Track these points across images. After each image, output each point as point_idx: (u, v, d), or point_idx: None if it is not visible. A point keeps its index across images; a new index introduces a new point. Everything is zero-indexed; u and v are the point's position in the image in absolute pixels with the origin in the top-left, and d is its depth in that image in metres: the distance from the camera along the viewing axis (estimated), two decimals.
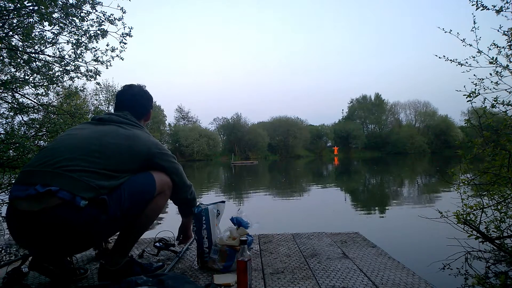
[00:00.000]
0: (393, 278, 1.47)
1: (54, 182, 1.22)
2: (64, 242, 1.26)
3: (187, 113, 55.51)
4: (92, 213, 1.25)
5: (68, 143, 1.35)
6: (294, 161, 39.49)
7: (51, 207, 1.20)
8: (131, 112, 1.57)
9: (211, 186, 12.21)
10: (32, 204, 1.20)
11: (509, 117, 2.82)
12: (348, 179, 14.82)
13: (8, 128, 4.03)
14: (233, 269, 1.55)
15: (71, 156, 1.29)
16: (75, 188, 1.23)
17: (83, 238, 1.29)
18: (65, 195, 1.21)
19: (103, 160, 1.31)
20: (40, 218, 1.20)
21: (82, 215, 1.23)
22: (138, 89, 1.64)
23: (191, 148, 45.43)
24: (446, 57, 3.09)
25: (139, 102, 1.62)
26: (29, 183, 1.24)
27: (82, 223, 1.24)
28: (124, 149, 1.38)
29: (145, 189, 1.41)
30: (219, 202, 1.80)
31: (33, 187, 1.21)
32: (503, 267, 2.82)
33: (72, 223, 1.22)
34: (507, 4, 2.79)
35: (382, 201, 7.72)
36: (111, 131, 1.41)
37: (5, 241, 4.15)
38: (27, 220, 1.22)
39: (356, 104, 66.02)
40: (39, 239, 1.24)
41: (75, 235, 1.25)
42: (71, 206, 1.21)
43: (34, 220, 1.21)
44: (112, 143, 1.36)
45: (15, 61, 3.82)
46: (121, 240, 1.45)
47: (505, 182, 2.69)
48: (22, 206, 1.21)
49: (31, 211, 1.20)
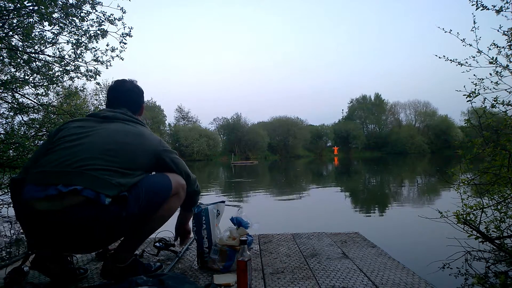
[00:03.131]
0: (393, 278, 1.47)
1: (76, 181, 1.23)
2: (87, 239, 1.27)
3: (187, 113, 55.53)
4: (115, 210, 1.27)
5: (83, 143, 1.34)
6: (294, 161, 39.50)
7: (74, 206, 1.20)
8: (127, 108, 1.57)
9: (211, 186, 12.21)
10: (53, 203, 1.20)
11: (509, 117, 2.82)
12: (348, 179, 14.82)
13: (8, 128, 4.03)
14: (233, 269, 1.55)
15: (89, 156, 1.29)
16: (98, 186, 1.24)
17: (106, 235, 1.30)
18: (90, 193, 1.22)
19: (119, 158, 1.33)
20: (62, 217, 1.20)
21: (107, 212, 1.24)
22: (131, 85, 1.64)
23: (191, 148, 45.42)
24: (446, 57, 3.09)
25: (133, 98, 1.62)
26: (47, 183, 1.24)
27: (107, 220, 1.26)
28: (136, 147, 1.40)
29: (161, 189, 1.43)
30: (219, 202, 1.80)
31: (54, 187, 1.21)
32: (503, 267, 2.82)
33: (98, 220, 1.24)
34: (507, 4, 2.79)
35: (382, 201, 7.72)
36: (121, 129, 1.42)
37: (5, 242, 4.15)
38: (46, 219, 1.21)
39: (356, 104, 66.04)
40: (59, 238, 1.25)
41: (100, 232, 1.27)
42: (96, 204, 1.22)
43: (55, 219, 1.21)
44: (124, 142, 1.38)
45: (15, 61, 3.82)
46: (131, 238, 1.45)
47: (505, 182, 2.69)
48: (41, 206, 1.21)
49: (52, 211, 1.20)
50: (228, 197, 8.49)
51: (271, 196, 8.82)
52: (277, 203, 7.60)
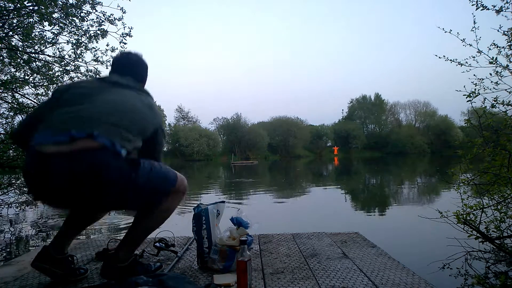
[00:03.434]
0: (393, 278, 1.47)
1: (92, 128, 1.19)
2: (92, 190, 1.20)
3: (187, 113, 55.51)
4: (127, 166, 1.23)
5: (96, 100, 1.31)
6: (294, 161, 39.51)
7: (87, 150, 1.16)
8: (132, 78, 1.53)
9: (211, 186, 12.21)
10: (63, 147, 1.15)
11: (509, 117, 2.83)
12: (348, 179, 14.83)
13: (8, 128, 4.03)
14: (233, 269, 1.55)
15: (102, 111, 1.27)
16: (114, 137, 1.21)
17: (112, 190, 1.24)
18: (105, 140, 1.18)
19: (130, 121, 1.31)
20: (71, 161, 1.15)
21: (119, 163, 1.21)
22: (138, 57, 1.61)
23: (191, 148, 45.40)
24: (446, 57, 3.09)
25: (139, 70, 1.59)
26: (58, 129, 1.20)
27: (117, 172, 1.21)
28: (146, 115, 1.39)
29: (168, 177, 1.42)
30: (219, 202, 1.80)
31: (65, 133, 1.17)
32: (503, 267, 2.83)
33: (109, 168, 1.18)
34: (507, 4, 2.79)
35: (382, 201, 7.72)
36: (133, 96, 1.41)
37: (5, 240, 4.15)
38: (52, 165, 1.15)
39: (356, 104, 66.03)
40: (64, 186, 1.18)
41: (107, 183, 1.20)
42: (111, 152, 1.19)
43: (62, 164, 1.14)
44: (137, 108, 1.37)
45: (15, 61, 3.82)
46: (131, 237, 1.44)
47: (505, 182, 2.69)
48: (49, 149, 1.15)
49: (61, 153, 1.15)
50: (228, 197, 8.49)
51: (271, 196, 8.82)
52: (277, 203, 7.60)
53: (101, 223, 5.15)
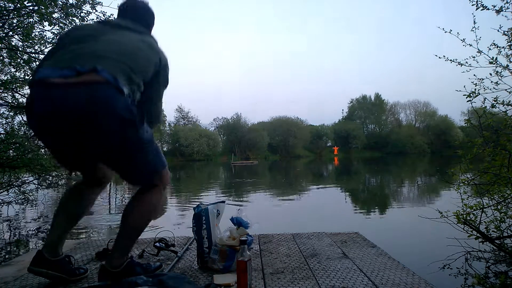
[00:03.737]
0: (393, 278, 1.47)
1: (96, 63, 1.19)
2: (91, 127, 1.19)
3: (187, 113, 55.52)
4: (127, 107, 1.21)
5: (100, 40, 1.31)
6: (294, 161, 39.50)
7: (91, 82, 1.16)
8: (137, 23, 1.51)
9: (211, 186, 12.21)
10: (67, 79, 1.15)
11: (509, 117, 2.83)
12: (348, 179, 14.83)
13: (8, 128, 4.03)
14: (233, 269, 1.55)
15: (109, 49, 1.27)
16: (118, 73, 1.21)
17: (113, 124, 1.20)
18: (109, 76, 1.18)
19: (134, 61, 1.30)
20: (75, 94, 1.15)
21: (121, 100, 1.20)
22: (145, 4, 1.59)
23: (191, 148, 45.41)
24: (446, 57, 3.09)
25: (144, 16, 1.57)
26: (63, 66, 1.20)
27: (119, 108, 1.19)
28: (148, 55, 1.38)
29: (161, 157, 1.42)
30: (219, 202, 1.80)
31: (70, 68, 1.18)
32: (503, 267, 2.83)
33: (110, 104, 1.17)
34: (507, 4, 2.79)
35: (382, 201, 7.73)
36: (139, 39, 1.40)
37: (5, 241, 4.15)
38: (57, 98, 1.15)
39: (356, 104, 66.04)
40: (68, 118, 1.17)
41: (107, 120, 1.18)
42: (114, 87, 1.19)
43: (66, 96, 1.15)
44: (139, 48, 1.36)
45: (15, 61, 3.82)
46: (121, 242, 1.42)
47: (505, 182, 2.69)
48: (54, 80, 1.16)
49: (66, 85, 1.15)
50: (228, 197, 8.49)
51: (271, 196, 8.82)
52: (277, 203, 7.60)
53: (101, 223, 5.15)
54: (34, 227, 4.89)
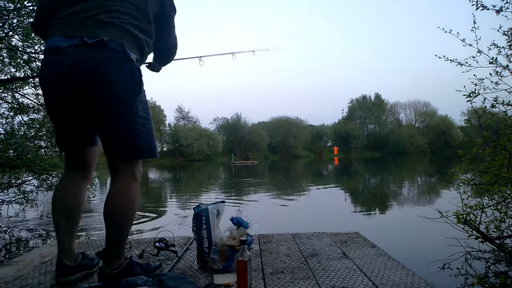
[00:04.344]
0: (393, 278, 1.47)
1: (101, 33, 1.23)
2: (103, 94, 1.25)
3: (187, 113, 55.52)
4: (135, 73, 1.30)
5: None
6: (294, 161, 39.50)
7: (101, 52, 1.23)
8: None
9: (211, 186, 12.21)
10: (77, 49, 1.22)
11: (509, 117, 2.83)
12: (348, 179, 14.83)
13: (8, 128, 4.04)
14: (233, 269, 1.55)
15: (110, 4, 1.28)
16: (124, 39, 1.27)
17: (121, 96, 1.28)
18: (116, 45, 1.25)
19: (138, 13, 1.33)
20: (85, 63, 1.21)
21: (129, 66, 1.28)
22: None
23: (191, 148, 45.39)
24: (446, 57, 3.09)
25: None
26: (71, 35, 1.24)
27: (128, 75, 1.28)
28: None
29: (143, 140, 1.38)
30: (219, 202, 1.80)
31: (78, 38, 1.22)
32: (503, 267, 2.83)
33: (118, 70, 1.25)
34: (507, 4, 2.79)
35: (382, 201, 7.72)
36: None
37: (5, 240, 4.15)
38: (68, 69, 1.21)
39: (356, 104, 66.06)
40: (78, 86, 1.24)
41: (117, 87, 1.26)
42: (122, 55, 1.26)
43: (76, 64, 1.22)
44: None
45: (15, 61, 3.82)
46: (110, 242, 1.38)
47: (505, 182, 2.69)
48: (65, 51, 1.22)
49: (76, 53, 1.22)
50: (228, 197, 8.49)
51: (271, 196, 8.81)
52: (277, 203, 7.60)
53: (101, 223, 5.15)
54: (35, 227, 4.89)
